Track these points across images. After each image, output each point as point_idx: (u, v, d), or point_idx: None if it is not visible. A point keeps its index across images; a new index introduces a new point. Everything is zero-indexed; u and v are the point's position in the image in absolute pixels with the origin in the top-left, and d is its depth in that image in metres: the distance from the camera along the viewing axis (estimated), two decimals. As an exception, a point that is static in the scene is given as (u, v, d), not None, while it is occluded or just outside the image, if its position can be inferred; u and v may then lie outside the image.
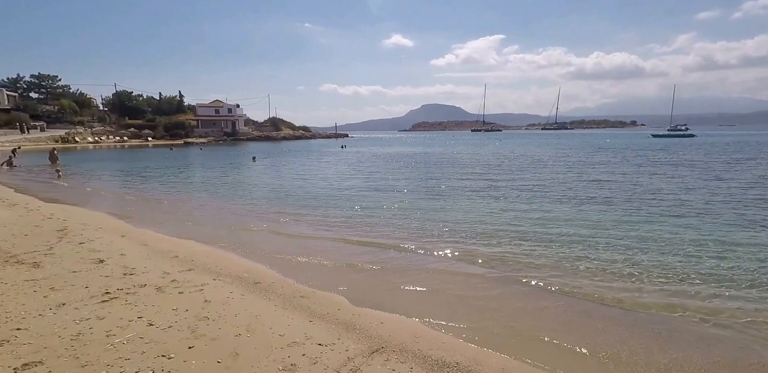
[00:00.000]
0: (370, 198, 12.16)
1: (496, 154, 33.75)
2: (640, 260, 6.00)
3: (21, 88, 67.72)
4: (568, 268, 5.71)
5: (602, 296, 4.78)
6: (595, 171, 18.93)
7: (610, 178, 16.19)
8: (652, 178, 15.89)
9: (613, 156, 28.66)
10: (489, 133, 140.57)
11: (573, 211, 9.72)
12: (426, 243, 7.06)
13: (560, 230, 7.79)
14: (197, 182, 17.46)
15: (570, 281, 5.23)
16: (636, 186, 13.78)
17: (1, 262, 5.46)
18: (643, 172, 17.96)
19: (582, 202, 10.92)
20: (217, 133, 70.79)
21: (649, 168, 19.79)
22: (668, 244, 6.82)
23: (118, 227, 8.28)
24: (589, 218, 8.90)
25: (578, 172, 18.40)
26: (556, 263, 5.93)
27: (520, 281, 5.27)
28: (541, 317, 4.28)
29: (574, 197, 11.65)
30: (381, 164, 25.64)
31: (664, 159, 25.12)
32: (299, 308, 4.22)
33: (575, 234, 7.50)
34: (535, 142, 61.21)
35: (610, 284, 5.14)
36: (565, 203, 10.73)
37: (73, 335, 3.43)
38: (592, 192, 12.63)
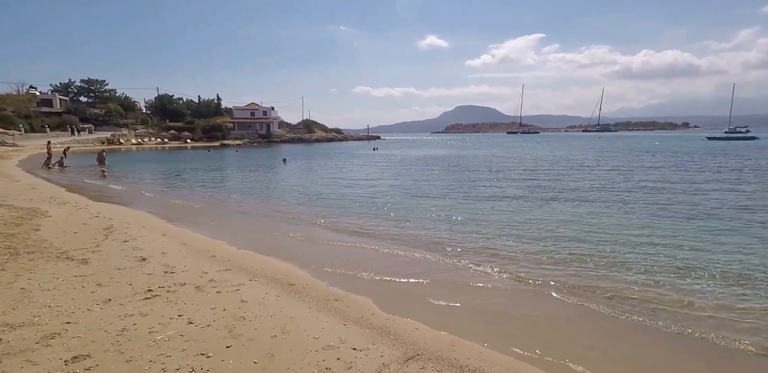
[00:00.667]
0: (403, 203, 12.13)
1: (534, 157, 32.89)
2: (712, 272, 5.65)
3: (72, 92, 72.63)
4: (625, 285, 5.32)
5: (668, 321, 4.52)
6: (646, 176, 18.04)
7: (662, 183, 15.40)
8: (713, 184, 14.99)
9: (664, 160, 27.26)
10: (526, 136, 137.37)
11: (624, 219, 9.21)
12: (461, 252, 6.90)
13: (611, 239, 7.43)
14: (232, 184, 18.09)
15: (620, 301, 4.93)
16: (698, 193, 12.96)
17: (54, 258, 5.83)
18: (705, 178, 16.93)
19: (634, 209, 10.36)
20: (252, 135, 73.02)
21: (709, 174, 18.64)
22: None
23: (159, 226, 8.66)
24: (650, 226, 8.44)
25: (626, 177, 17.63)
26: (608, 278, 5.57)
27: (562, 299, 5.01)
28: (587, 335, 4.10)
29: (623, 204, 11.11)
30: (414, 167, 25.58)
31: (725, 164, 23.57)
32: (333, 311, 4.25)
33: (629, 245, 7.14)
34: (576, 144, 59.20)
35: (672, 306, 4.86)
36: (614, 211, 10.21)
37: (118, 331, 3.60)
38: (645, 198, 12.00)
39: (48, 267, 5.36)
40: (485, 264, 6.15)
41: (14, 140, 40.56)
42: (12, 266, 5.33)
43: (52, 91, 68.98)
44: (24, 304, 4.15)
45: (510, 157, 33.06)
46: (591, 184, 15.23)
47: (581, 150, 42.02)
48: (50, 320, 3.79)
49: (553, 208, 10.71)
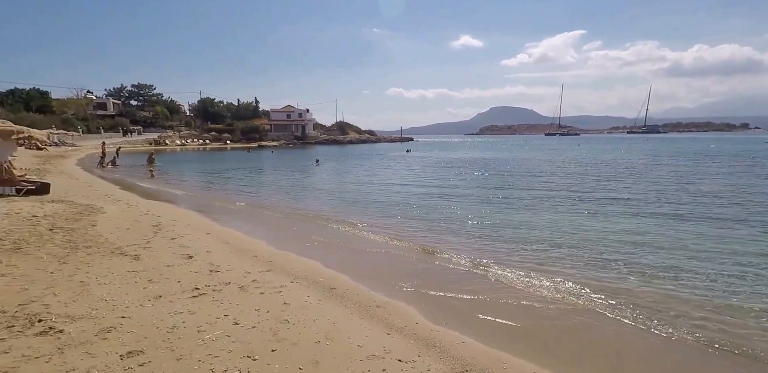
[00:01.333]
0: (439, 208, 11.95)
1: (577, 160, 31.64)
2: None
3: (123, 96, 77.09)
4: (703, 310, 4.97)
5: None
6: (711, 183, 16.82)
7: (724, 191, 14.36)
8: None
9: (724, 164, 25.42)
10: (565, 137, 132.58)
11: (687, 230, 8.58)
12: (505, 263, 6.64)
13: (669, 253, 6.96)
14: (269, 184, 18.52)
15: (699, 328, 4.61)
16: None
17: (109, 253, 6.12)
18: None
19: (695, 220, 9.63)
20: (288, 136, 74.73)
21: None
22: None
23: (204, 224, 8.96)
24: (716, 238, 7.88)
25: (679, 184, 16.58)
26: (675, 298, 5.21)
27: (622, 321, 4.72)
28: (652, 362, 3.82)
29: (680, 215, 10.24)
30: (448, 170, 25.25)
31: None
32: (376, 319, 4.20)
33: (700, 259, 6.68)
34: (621, 147, 56.43)
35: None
36: (671, 221, 9.52)
37: (168, 328, 3.71)
38: (707, 209, 11.07)
39: (104, 262, 5.64)
40: (535, 280, 5.77)
41: (73, 141, 43.43)
42: (72, 259, 5.64)
43: (106, 95, 73.45)
44: (83, 296, 4.36)
45: (550, 161, 31.92)
46: (645, 192, 14.32)
47: (629, 153, 39.99)
48: (106, 314, 3.96)
49: (605, 218, 10.01)
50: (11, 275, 4.82)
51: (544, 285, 5.53)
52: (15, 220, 7.66)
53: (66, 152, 33.94)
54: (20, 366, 2.93)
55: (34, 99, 54.58)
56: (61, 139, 41.49)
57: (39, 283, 4.65)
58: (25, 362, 3.00)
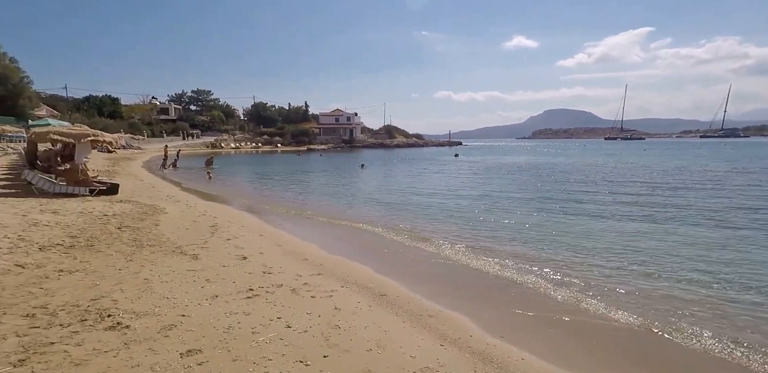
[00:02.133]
0: (493, 215, 11.61)
1: (644, 166, 29.60)
2: None
3: (184, 101, 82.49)
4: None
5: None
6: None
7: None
8: None
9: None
10: (628, 142, 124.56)
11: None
12: (564, 275, 6.34)
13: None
14: (318, 187, 18.90)
15: None
16: None
17: (170, 251, 6.48)
18: None
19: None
20: (336, 140, 76.29)
21: None
22: None
23: (257, 226, 9.28)
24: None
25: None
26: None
27: (699, 345, 4.33)
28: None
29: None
30: (499, 175, 24.57)
31: None
32: (428, 329, 4.10)
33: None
34: (696, 152, 51.95)
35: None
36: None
37: (225, 328, 3.83)
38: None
39: (166, 260, 5.97)
40: (602, 298, 5.38)
41: (139, 144, 47.03)
42: (138, 257, 6.03)
43: (169, 100, 78.98)
44: (147, 294, 4.62)
45: (613, 167, 30.11)
46: (730, 204, 13.00)
47: (705, 159, 36.85)
48: (168, 312, 4.16)
49: (680, 230, 9.25)
50: (85, 271, 5.21)
51: (613, 302, 5.16)
52: (88, 218, 8.34)
53: (133, 155, 36.76)
54: (91, 359, 3.14)
55: (106, 105, 59.69)
56: (129, 143, 45.01)
57: (108, 279, 5.00)
58: (96, 355, 3.21)
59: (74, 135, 11.18)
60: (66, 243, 6.41)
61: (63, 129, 11.90)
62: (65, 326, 3.69)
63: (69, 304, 4.19)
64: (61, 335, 3.51)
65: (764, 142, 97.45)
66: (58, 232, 7.05)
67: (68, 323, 3.77)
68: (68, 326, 3.69)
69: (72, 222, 7.85)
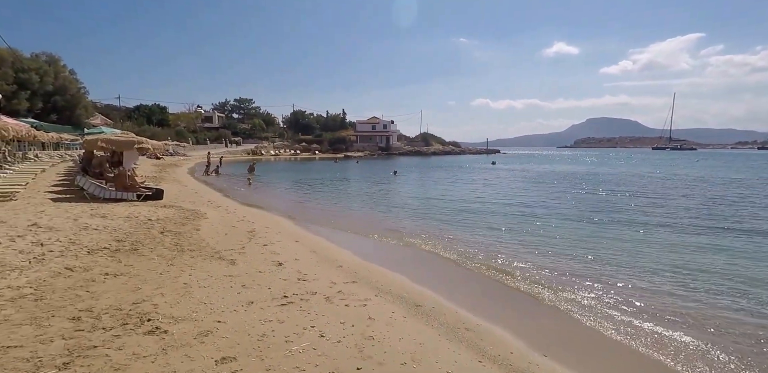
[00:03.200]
0: (530, 227, 11.20)
1: (700, 178, 27.81)
2: None
3: (227, 110, 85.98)
4: None
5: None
6: None
7: None
8: None
9: None
10: (678, 152, 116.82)
11: None
12: (607, 293, 5.97)
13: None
14: (353, 194, 18.99)
15: None
16: None
17: (209, 256, 6.62)
18: None
19: None
20: (373, 147, 76.89)
21: None
22: None
23: (293, 232, 9.38)
24: None
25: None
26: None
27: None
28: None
29: None
30: (538, 185, 23.78)
31: None
32: (465, 343, 3.92)
33: None
34: (750, 163, 48.37)
35: None
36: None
37: (259, 336, 3.81)
38: None
39: (204, 265, 6.09)
40: (654, 318, 5.07)
41: (185, 151, 49.31)
42: (178, 261, 6.19)
43: (213, 109, 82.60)
44: (186, 298, 4.70)
45: (667, 179, 28.46)
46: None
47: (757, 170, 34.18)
48: (205, 317, 4.20)
49: (734, 248, 8.63)
50: (128, 275, 5.40)
51: (666, 323, 4.77)
52: (134, 223, 8.71)
53: (178, 161, 38.53)
54: (131, 364, 3.18)
55: (155, 113, 63.05)
56: (175, 150, 47.26)
57: (150, 283, 5.14)
58: (135, 360, 3.26)
59: (120, 142, 11.80)
60: (112, 247, 6.70)
61: (111, 137, 12.60)
62: (108, 330, 3.78)
63: (112, 307, 4.32)
64: (103, 339, 3.60)
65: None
66: (105, 236, 7.38)
67: (111, 326, 3.87)
68: (111, 330, 3.79)
69: (119, 226, 8.22)
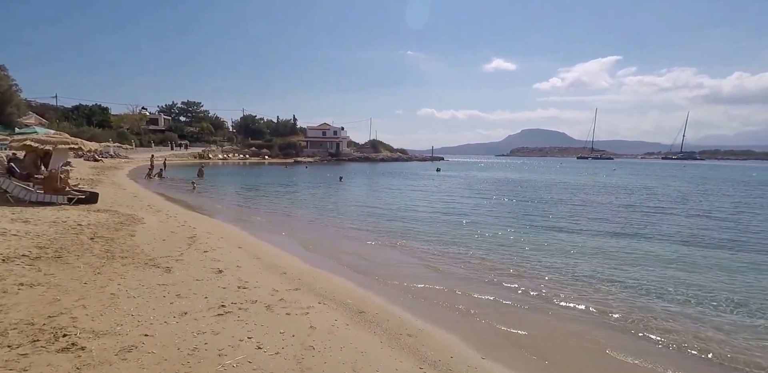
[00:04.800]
0: (473, 230, 11.46)
1: (620, 186, 30.11)
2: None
3: (174, 112, 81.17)
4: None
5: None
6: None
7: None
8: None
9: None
10: (598, 161, 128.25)
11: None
12: (542, 288, 6.16)
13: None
14: (301, 200, 18.37)
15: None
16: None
17: (142, 264, 6.03)
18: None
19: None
20: (323, 153, 75.87)
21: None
22: None
23: (237, 237, 8.86)
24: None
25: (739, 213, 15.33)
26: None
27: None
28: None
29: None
30: (477, 191, 24.58)
31: None
32: (407, 350, 3.80)
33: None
34: (661, 173, 53.38)
35: None
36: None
37: (190, 350, 3.45)
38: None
39: (136, 274, 5.53)
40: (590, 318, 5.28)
41: (127, 153, 45.71)
42: (107, 269, 5.57)
43: (159, 111, 77.61)
44: (111, 310, 4.20)
45: (592, 186, 30.52)
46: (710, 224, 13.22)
47: (672, 180, 37.70)
48: (130, 331, 3.76)
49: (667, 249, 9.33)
50: (47, 285, 4.75)
51: (596, 319, 4.96)
52: (61, 228, 7.80)
53: (119, 164, 35.62)
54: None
55: (95, 114, 58.13)
56: (116, 152, 43.73)
57: (71, 294, 4.55)
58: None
59: (51, 142, 10.63)
60: (32, 254, 5.91)
61: (41, 136, 11.33)
62: (13, 348, 3.26)
63: (23, 322, 3.75)
64: (6, 359, 3.09)
65: (719, 165, 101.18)
66: (26, 242, 6.52)
67: (18, 344, 3.34)
68: (17, 348, 3.26)
69: (43, 232, 7.31)
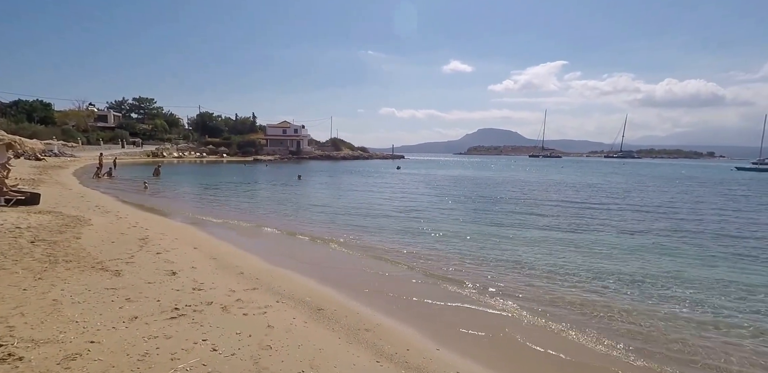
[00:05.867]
0: (428, 225, 11.67)
1: (565, 183, 31.67)
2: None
3: (124, 109, 76.42)
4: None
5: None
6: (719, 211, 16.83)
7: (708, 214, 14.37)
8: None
9: (704, 190, 25.74)
10: (548, 159, 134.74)
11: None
12: (492, 280, 6.41)
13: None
14: (260, 198, 17.89)
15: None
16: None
17: (89, 268, 5.66)
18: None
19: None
20: (283, 151, 74.26)
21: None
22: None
23: (192, 238, 8.51)
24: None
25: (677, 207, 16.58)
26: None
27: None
28: None
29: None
30: (436, 188, 25.06)
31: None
32: (365, 344, 3.83)
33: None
34: (601, 170, 56.76)
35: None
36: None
37: (140, 355, 3.29)
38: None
39: (82, 278, 5.19)
40: (536, 307, 5.52)
41: (72, 151, 42.51)
42: (49, 274, 5.19)
43: (108, 107, 72.76)
44: (53, 317, 3.92)
45: (541, 182, 31.85)
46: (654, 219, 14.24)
47: (614, 177, 40.15)
48: (74, 338, 3.53)
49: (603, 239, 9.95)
50: (-22, 292, 4.36)
51: (544, 314, 5.23)
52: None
53: (64, 163, 33.09)
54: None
55: (37, 110, 53.62)
56: (61, 150, 40.59)
57: (8, 301, 4.20)
58: (-31, 398, 2.58)
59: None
60: (-39, 260, 5.39)
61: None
62: (-61, 363, 2.97)
63: (-49, 334, 3.43)
64: (-70, 374, 2.81)
65: (654, 163, 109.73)
66: (-47, 248, 5.94)
67: (-56, 358, 3.05)
68: (-57, 362, 2.98)
69: (-27, 236, 6.68)
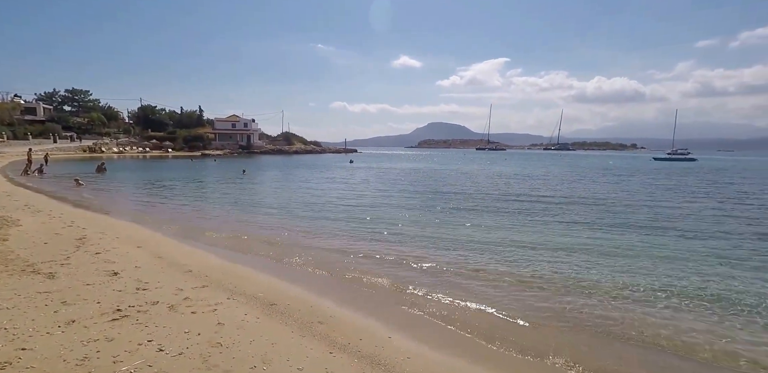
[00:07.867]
0: (380, 215, 11.78)
1: (516, 175, 32.78)
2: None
3: (56, 101, 69.39)
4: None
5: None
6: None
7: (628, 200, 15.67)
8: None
9: (628, 179, 27.97)
10: (493, 152, 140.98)
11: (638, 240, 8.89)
12: (441, 267, 6.63)
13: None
14: (207, 194, 17.09)
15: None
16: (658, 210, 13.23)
17: (19, 271, 5.17)
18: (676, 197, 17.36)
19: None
20: (233, 146, 71.21)
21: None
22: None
23: (135, 236, 7.99)
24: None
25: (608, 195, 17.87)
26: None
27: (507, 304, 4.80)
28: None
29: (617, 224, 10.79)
30: (388, 181, 25.29)
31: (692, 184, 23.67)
32: (318, 336, 3.83)
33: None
34: (541, 162, 59.90)
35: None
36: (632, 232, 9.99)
37: (78, 360, 3.08)
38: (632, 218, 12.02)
39: (11, 282, 4.74)
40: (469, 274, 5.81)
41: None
42: (-31, 281, 4.67)
43: (37, 99, 65.65)
44: (-25, 327, 3.55)
45: (487, 174, 32.90)
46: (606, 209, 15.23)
47: (554, 168, 42.50)
48: (3, 346, 3.24)
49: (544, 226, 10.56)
50: None
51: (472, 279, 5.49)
52: None
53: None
54: None
55: (-50, 102, 47.30)
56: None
57: None
58: None
59: None
60: None
61: None
62: None
63: None
64: None
65: (586, 154, 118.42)
66: None
67: None
68: None
69: None
